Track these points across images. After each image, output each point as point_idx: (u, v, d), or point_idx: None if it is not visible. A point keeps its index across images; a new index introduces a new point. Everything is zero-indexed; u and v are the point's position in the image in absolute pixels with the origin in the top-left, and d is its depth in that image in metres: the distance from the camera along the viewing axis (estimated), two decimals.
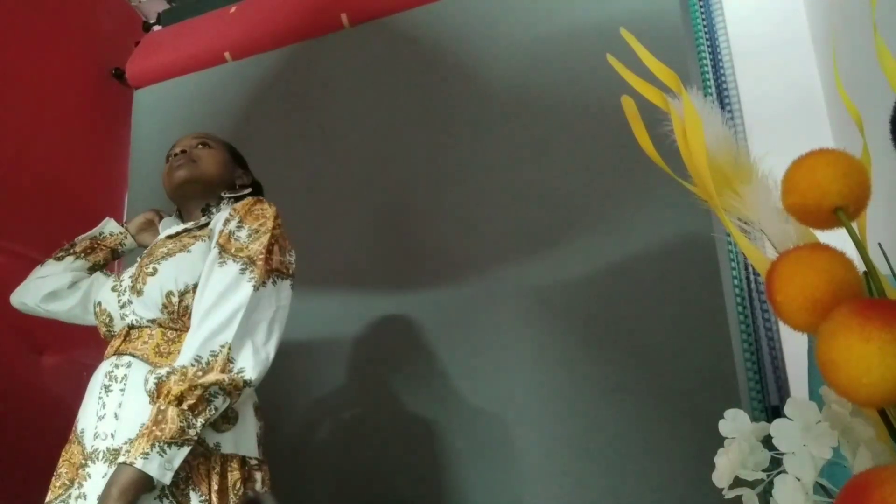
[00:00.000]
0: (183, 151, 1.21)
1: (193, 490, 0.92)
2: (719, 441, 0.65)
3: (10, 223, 1.72)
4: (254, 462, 1.01)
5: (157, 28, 2.34)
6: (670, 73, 0.70)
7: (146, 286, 1.04)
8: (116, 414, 0.98)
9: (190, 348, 0.93)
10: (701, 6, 1.63)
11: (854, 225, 0.54)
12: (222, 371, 0.92)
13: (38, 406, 1.64)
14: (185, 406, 0.88)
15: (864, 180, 0.53)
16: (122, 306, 1.09)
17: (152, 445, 0.85)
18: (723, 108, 1.52)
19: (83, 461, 0.97)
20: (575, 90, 1.59)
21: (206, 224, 1.17)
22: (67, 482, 0.98)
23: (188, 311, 1.03)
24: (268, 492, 1.01)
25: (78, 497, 0.94)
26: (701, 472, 0.70)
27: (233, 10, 2.12)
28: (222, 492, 0.94)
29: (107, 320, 1.12)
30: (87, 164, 2.03)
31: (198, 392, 0.89)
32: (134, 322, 1.07)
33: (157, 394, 0.90)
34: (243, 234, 1.05)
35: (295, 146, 1.90)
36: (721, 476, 0.63)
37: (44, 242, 1.80)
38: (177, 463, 0.87)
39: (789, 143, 0.68)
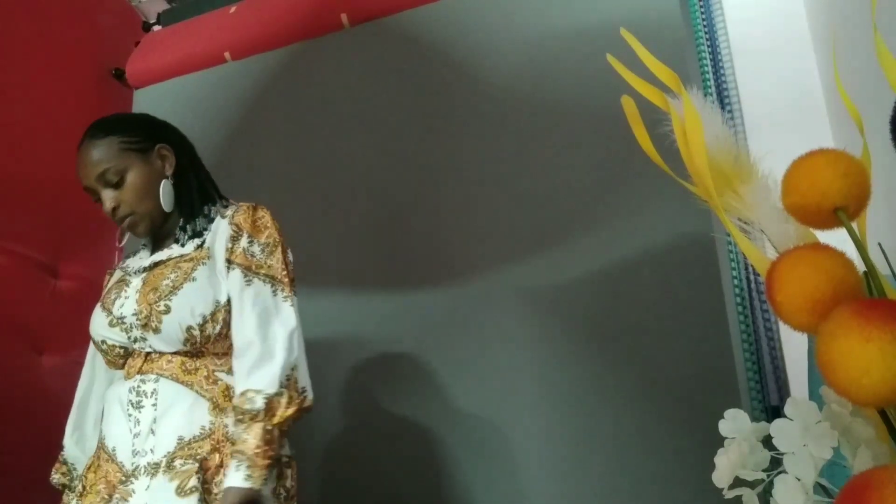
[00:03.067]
0: (114, 210, 1.08)
1: None
2: (719, 441, 0.65)
3: (10, 223, 1.72)
4: (285, 459, 1.03)
5: (157, 28, 2.34)
6: (670, 73, 0.70)
7: (163, 325, 1.01)
8: (153, 429, 0.99)
9: (277, 370, 0.97)
10: (701, 6, 1.63)
11: (854, 225, 0.54)
12: (297, 394, 0.99)
13: (38, 406, 1.64)
14: (285, 428, 0.97)
15: (864, 180, 0.53)
16: (135, 341, 1.05)
17: (269, 468, 0.92)
18: (723, 108, 1.52)
19: (123, 478, 0.98)
20: (575, 90, 1.59)
21: (196, 233, 1.12)
22: (106, 497, 0.98)
23: (210, 339, 1.03)
24: (292, 499, 1.01)
25: None
26: (701, 472, 0.70)
27: (233, 10, 2.12)
28: None
29: (121, 353, 1.08)
30: None
31: (294, 417, 0.97)
32: (151, 351, 1.05)
33: (266, 414, 0.94)
34: (257, 249, 1.07)
35: (295, 146, 1.90)
36: (721, 476, 0.63)
37: (44, 242, 1.81)
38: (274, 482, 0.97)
39: (789, 143, 0.68)
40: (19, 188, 1.76)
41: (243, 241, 1.06)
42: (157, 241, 1.18)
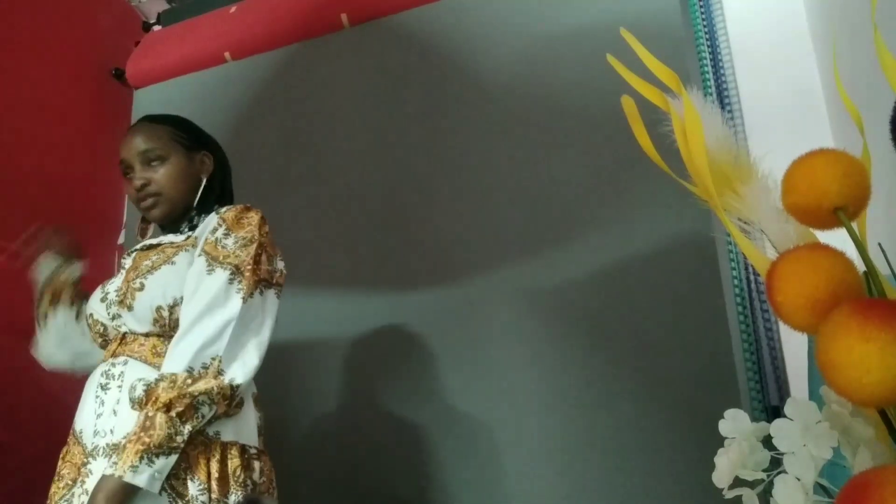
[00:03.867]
0: (143, 186, 1.15)
1: (192, 479, 0.92)
2: (719, 441, 0.65)
3: (10, 223, 1.71)
4: (253, 451, 1.02)
5: (157, 28, 2.34)
6: (670, 73, 0.70)
7: (136, 302, 1.04)
8: (115, 410, 0.99)
9: (181, 356, 0.94)
10: (701, 6, 1.63)
11: (854, 225, 0.54)
12: (197, 380, 0.93)
13: (38, 406, 1.64)
14: (173, 413, 0.89)
15: (864, 180, 0.53)
16: (113, 318, 1.09)
17: (141, 457, 0.86)
18: (723, 108, 1.52)
19: (85, 459, 0.98)
20: (575, 90, 1.59)
21: (193, 227, 1.17)
22: (70, 482, 0.98)
23: (178, 323, 1.03)
24: (269, 492, 1.01)
25: (81, 494, 0.94)
26: (701, 472, 0.70)
27: (233, 10, 2.12)
28: (222, 479, 0.95)
29: (101, 330, 1.12)
30: (87, 164, 2.03)
31: (186, 400, 0.90)
32: (127, 331, 1.08)
33: (145, 400, 0.90)
34: (230, 241, 1.06)
35: (294, 146, 1.90)
36: (721, 476, 0.63)
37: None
38: (166, 472, 0.88)
39: (789, 143, 0.68)
40: (19, 188, 1.76)
41: (220, 233, 1.07)
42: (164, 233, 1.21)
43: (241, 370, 0.97)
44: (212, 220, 1.11)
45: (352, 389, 1.64)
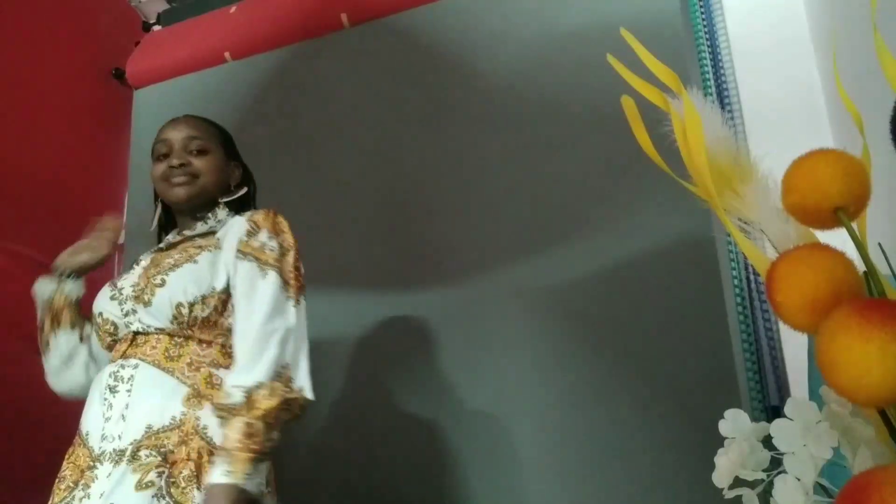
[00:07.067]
0: (182, 165, 1.16)
1: (198, 488, 0.92)
2: (719, 441, 0.65)
3: (10, 223, 1.72)
4: None
5: (157, 28, 2.34)
6: (670, 73, 0.70)
7: (155, 297, 1.04)
8: (123, 415, 0.99)
9: (266, 365, 0.95)
10: (701, 6, 1.63)
11: (854, 225, 0.54)
12: (284, 386, 0.95)
13: (38, 406, 1.64)
14: (270, 420, 0.92)
15: (864, 180, 0.53)
16: (126, 314, 1.07)
17: (252, 464, 0.89)
18: (723, 108, 1.52)
19: (91, 463, 0.97)
20: (575, 90, 1.59)
21: (209, 232, 1.17)
22: (72, 484, 0.98)
23: (197, 321, 1.04)
24: (271, 491, 1.01)
25: (82, 498, 0.94)
26: (701, 472, 0.70)
27: (233, 10, 2.12)
28: None
29: (111, 329, 1.09)
30: (87, 164, 2.03)
31: (280, 408, 0.93)
32: (140, 329, 1.06)
33: (246, 408, 0.91)
34: (273, 244, 1.08)
35: (295, 146, 1.90)
36: (721, 476, 0.63)
37: (44, 242, 1.80)
38: (264, 477, 0.92)
39: (789, 143, 0.68)
40: (20, 187, 1.76)
41: (262, 237, 1.08)
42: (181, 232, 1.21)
43: (305, 379, 1.00)
44: (239, 223, 1.11)
45: (351, 389, 1.64)
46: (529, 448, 1.43)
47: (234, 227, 1.11)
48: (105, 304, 1.11)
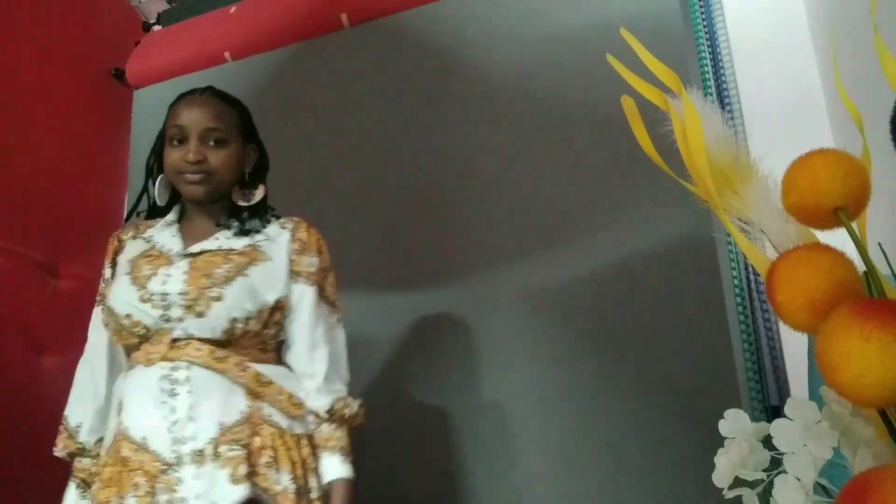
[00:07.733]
0: (198, 162, 1.11)
1: (277, 471, 1.00)
2: (719, 441, 0.65)
3: (10, 223, 1.72)
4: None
5: (157, 28, 2.34)
6: (670, 73, 0.70)
7: (211, 311, 1.03)
8: (191, 416, 0.99)
9: (341, 381, 1.15)
10: (701, 6, 1.63)
11: (854, 225, 0.54)
12: (355, 400, 1.15)
13: (38, 406, 1.64)
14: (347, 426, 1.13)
15: (864, 180, 0.53)
16: (167, 320, 1.04)
17: (350, 461, 1.10)
18: (723, 108, 1.52)
19: (162, 468, 0.97)
20: (575, 90, 1.59)
21: (245, 231, 1.15)
22: (150, 489, 0.96)
23: (248, 334, 1.06)
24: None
25: (170, 501, 0.95)
26: (701, 472, 0.70)
27: (233, 10, 2.12)
28: (304, 465, 1.06)
29: (141, 332, 1.05)
30: (87, 164, 2.03)
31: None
32: (180, 336, 1.04)
33: (353, 418, 1.13)
34: (325, 267, 1.19)
35: (295, 146, 1.90)
36: (721, 476, 0.63)
37: (44, 242, 1.81)
38: None
39: (789, 143, 0.68)
40: (19, 188, 1.76)
41: (312, 258, 1.16)
42: (191, 221, 1.18)
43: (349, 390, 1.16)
44: (284, 238, 1.16)
45: (351, 389, 1.64)
46: (529, 447, 1.43)
47: (279, 243, 1.15)
48: (135, 305, 1.05)
